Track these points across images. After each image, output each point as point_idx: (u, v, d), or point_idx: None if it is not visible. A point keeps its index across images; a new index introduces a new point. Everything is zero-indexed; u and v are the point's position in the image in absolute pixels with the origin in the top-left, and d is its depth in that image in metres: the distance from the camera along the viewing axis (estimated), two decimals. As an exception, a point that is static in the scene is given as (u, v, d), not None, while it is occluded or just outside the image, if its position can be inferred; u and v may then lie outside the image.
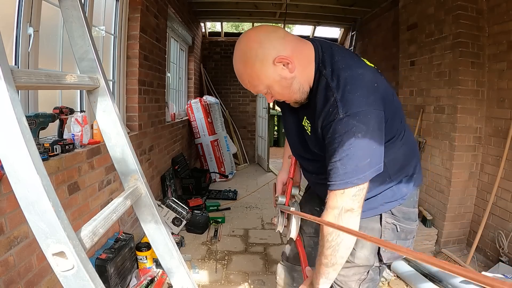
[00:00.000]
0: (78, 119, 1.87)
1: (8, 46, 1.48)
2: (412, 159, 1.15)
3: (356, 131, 0.87)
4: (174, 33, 4.29)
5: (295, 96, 1.01)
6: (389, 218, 1.12)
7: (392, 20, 4.02)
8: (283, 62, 0.93)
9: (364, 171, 0.90)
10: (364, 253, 1.13)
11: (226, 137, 5.48)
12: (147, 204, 0.92)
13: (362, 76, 0.94)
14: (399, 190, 1.11)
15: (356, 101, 0.89)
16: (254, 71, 0.95)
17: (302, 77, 0.97)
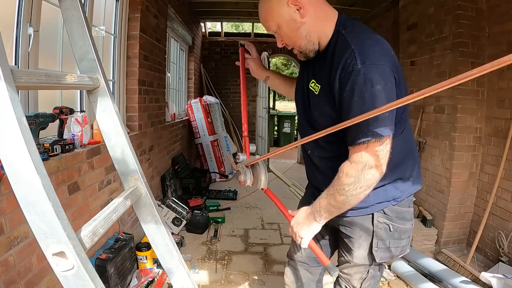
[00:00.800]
0: (78, 119, 1.87)
1: (8, 46, 1.48)
2: (408, 159, 1.13)
3: (375, 82, 0.87)
4: (174, 33, 4.29)
5: (300, 41, 1.03)
6: (381, 217, 1.12)
7: (392, 20, 4.02)
8: (297, 5, 0.97)
9: (385, 124, 0.89)
10: (361, 253, 1.15)
11: (226, 137, 5.48)
12: (147, 204, 0.92)
13: (381, 40, 0.98)
14: (392, 191, 1.10)
15: (376, 54, 0.91)
16: (270, 7, 1.02)
17: (312, 27, 1.01)
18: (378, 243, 1.12)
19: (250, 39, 6.40)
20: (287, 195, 4.37)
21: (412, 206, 1.19)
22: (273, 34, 1.09)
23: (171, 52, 4.30)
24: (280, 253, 2.74)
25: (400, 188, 1.11)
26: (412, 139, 1.20)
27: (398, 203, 1.12)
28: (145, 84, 2.89)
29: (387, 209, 1.11)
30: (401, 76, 0.97)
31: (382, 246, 1.13)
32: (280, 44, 1.10)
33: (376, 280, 1.23)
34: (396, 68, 0.94)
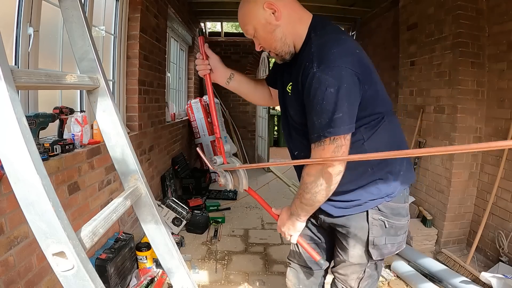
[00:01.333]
0: (78, 119, 1.87)
1: (8, 46, 1.48)
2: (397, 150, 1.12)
3: (328, 85, 0.91)
4: (174, 33, 4.29)
5: (275, 44, 1.06)
6: (376, 214, 1.12)
7: (392, 20, 4.02)
8: (272, 8, 1.01)
9: (335, 125, 0.93)
10: (357, 252, 1.15)
11: (226, 137, 5.48)
12: (147, 204, 0.92)
13: (344, 40, 1.00)
14: (384, 188, 1.10)
15: (331, 56, 0.94)
16: (247, 10, 1.06)
17: (287, 29, 1.04)
18: (374, 240, 1.13)
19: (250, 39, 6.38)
20: (287, 195, 4.37)
21: (407, 201, 1.19)
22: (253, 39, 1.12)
23: (171, 52, 4.30)
24: (280, 253, 2.74)
25: (392, 183, 1.11)
26: (399, 132, 1.20)
27: (392, 199, 1.12)
28: (145, 84, 2.89)
29: (382, 206, 1.12)
30: (368, 71, 1.00)
31: (378, 243, 1.13)
32: (258, 48, 1.13)
33: (373, 279, 1.22)
34: (360, 66, 0.96)
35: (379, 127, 1.08)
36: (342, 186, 1.07)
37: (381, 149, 1.08)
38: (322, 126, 0.94)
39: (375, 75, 1.06)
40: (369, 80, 1.00)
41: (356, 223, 1.14)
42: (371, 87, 1.01)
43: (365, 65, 0.99)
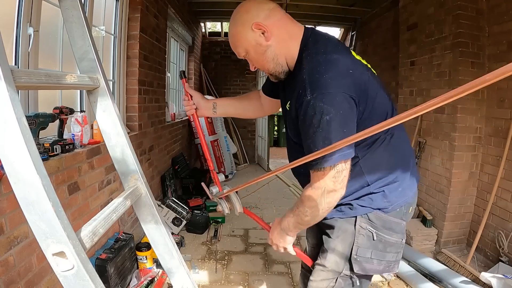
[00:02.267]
0: (78, 119, 1.87)
1: (8, 46, 1.48)
2: (397, 169, 1.08)
3: (324, 113, 0.88)
4: (174, 33, 4.29)
5: (268, 65, 1.04)
6: (364, 222, 1.06)
7: (392, 20, 4.02)
8: (260, 29, 0.98)
9: (335, 153, 0.90)
10: (333, 257, 1.10)
11: (226, 137, 5.48)
12: (147, 204, 0.92)
13: (336, 61, 0.95)
14: (378, 201, 1.06)
15: (324, 82, 0.90)
16: (237, 33, 1.03)
17: (278, 49, 1.01)
18: (358, 250, 1.06)
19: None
20: (287, 195, 4.37)
21: (405, 219, 1.11)
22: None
23: (171, 52, 4.30)
24: (280, 253, 2.72)
25: (388, 198, 1.06)
26: (405, 147, 1.14)
27: (385, 212, 1.07)
28: (145, 84, 2.89)
29: (372, 215, 1.06)
30: (363, 89, 0.95)
31: (363, 256, 1.06)
32: (252, 68, 1.11)
33: None
34: (355, 87, 0.92)
35: (377, 145, 1.04)
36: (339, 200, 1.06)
37: (379, 170, 1.05)
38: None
39: (373, 88, 1.00)
40: (366, 100, 0.97)
41: (340, 225, 1.09)
42: (367, 106, 0.97)
43: (360, 85, 0.95)
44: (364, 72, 1.00)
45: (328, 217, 1.10)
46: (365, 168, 1.04)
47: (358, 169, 1.04)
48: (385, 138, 1.05)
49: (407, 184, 1.10)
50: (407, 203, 1.11)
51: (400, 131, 1.11)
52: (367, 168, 1.04)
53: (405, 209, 1.11)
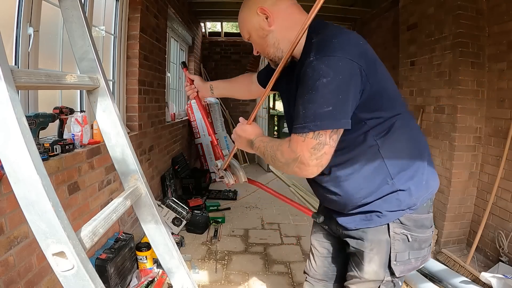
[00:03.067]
0: (78, 119, 1.87)
1: (8, 46, 1.48)
2: (419, 160, 1.04)
3: (322, 75, 0.83)
4: (174, 33, 4.29)
5: (268, 49, 1.05)
6: (397, 227, 1.02)
7: (392, 20, 4.02)
8: (265, 14, 0.99)
9: (322, 119, 0.84)
10: (372, 268, 1.06)
11: (226, 137, 5.48)
12: (147, 204, 0.92)
13: (347, 32, 0.95)
14: (406, 199, 1.00)
15: (331, 46, 0.87)
16: (243, 15, 1.06)
17: (281, 34, 1.01)
18: (396, 256, 1.02)
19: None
20: (287, 195, 4.36)
21: (431, 211, 1.09)
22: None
23: (171, 52, 4.30)
24: (280, 253, 2.74)
25: (415, 195, 1.01)
26: (419, 136, 1.10)
27: (415, 210, 1.03)
28: (145, 84, 2.89)
29: (404, 218, 1.02)
30: (373, 65, 0.91)
31: (402, 259, 1.03)
32: (255, 52, 1.12)
33: None
34: (364, 58, 0.88)
35: (393, 131, 0.99)
36: (358, 197, 1.01)
37: (401, 157, 1.00)
38: (308, 117, 0.85)
39: (383, 71, 0.97)
40: (375, 75, 0.91)
41: (373, 237, 1.04)
42: (377, 83, 0.92)
43: (370, 58, 0.91)
44: (375, 54, 0.97)
45: (352, 228, 1.06)
46: (386, 157, 0.98)
47: (379, 159, 0.98)
48: (394, 123, 0.99)
49: (430, 175, 1.06)
50: (432, 195, 1.09)
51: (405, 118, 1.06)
52: (388, 156, 0.99)
53: (431, 201, 1.09)
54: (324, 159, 0.89)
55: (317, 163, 0.88)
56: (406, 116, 1.04)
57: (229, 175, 1.35)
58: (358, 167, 1.00)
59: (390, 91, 0.99)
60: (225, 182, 1.37)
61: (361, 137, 0.97)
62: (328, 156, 0.89)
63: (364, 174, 0.99)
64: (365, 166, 0.99)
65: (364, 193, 1.01)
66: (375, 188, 1.00)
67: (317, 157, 0.87)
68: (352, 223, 1.07)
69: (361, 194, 1.01)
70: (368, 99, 0.91)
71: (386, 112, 0.98)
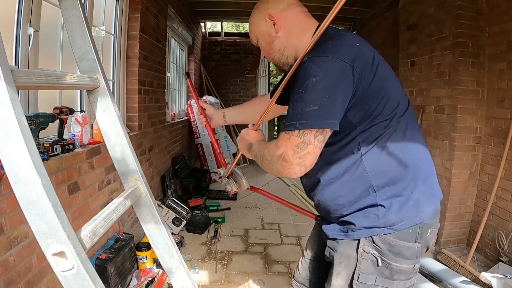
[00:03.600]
0: (78, 119, 1.87)
1: (8, 46, 1.48)
2: (409, 173, 0.94)
3: (311, 74, 0.84)
4: (174, 33, 4.29)
5: (273, 55, 1.06)
6: (367, 246, 0.94)
7: (392, 20, 4.02)
8: (272, 20, 1.00)
9: (307, 117, 0.83)
10: (338, 282, 1.00)
11: (226, 137, 5.48)
12: (147, 204, 0.92)
13: (344, 35, 0.94)
14: (385, 215, 0.92)
15: (324, 47, 0.87)
16: (253, 19, 1.07)
17: (287, 41, 1.02)
18: (359, 276, 0.95)
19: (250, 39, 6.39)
20: (287, 195, 4.37)
21: (420, 241, 0.95)
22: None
23: (171, 52, 4.30)
24: (280, 253, 2.74)
25: (396, 213, 0.92)
26: (420, 150, 1.00)
27: (394, 231, 0.92)
28: (145, 84, 2.89)
29: (377, 238, 0.93)
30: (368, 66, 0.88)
31: (365, 282, 0.95)
32: (262, 56, 1.13)
33: None
34: (358, 59, 0.86)
35: (384, 139, 0.92)
36: (336, 204, 0.98)
37: (387, 172, 0.93)
38: (295, 115, 0.85)
39: (385, 74, 0.93)
40: (370, 77, 0.88)
41: (344, 250, 0.98)
42: (373, 85, 0.88)
43: (366, 60, 0.89)
44: (376, 54, 0.94)
45: (331, 236, 1.03)
46: (369, 167, 0.92)
47: (361, 168, 0.93)
48: (388, 126, 0.93)
49: (422, 196, 0.95)
50: (423, 223, 0.95)
51: (413, 131, 0.98)
52: (371, 166, 0.92)
53: (420, 230, 0.95)
54: (307, 159, 0.86)
55: (299, 162, 0.86)
56: (404, 125, 0.96)
57: (232, 182, 1.37)
58: (340, 174, 0.96)
59: (390, 95, 0.93)
60: (227, 189, 1.38)
61: (347, 141, 0.94)
62: (312, 156, 0.86)
63: (345, 181, 0.95)
64: (347, 173, 0.95)
65: (342, 201, 0.97)
66: (355, 198, 0.95)
67: (299, 155, 0.86)
68: (331, 232, 1.03)
69: (340, 201, 0.97)
70: (361, 101, 0.89)
71: (381, 118, 0.92)
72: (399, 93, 0.98)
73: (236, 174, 1.37)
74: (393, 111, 0.93)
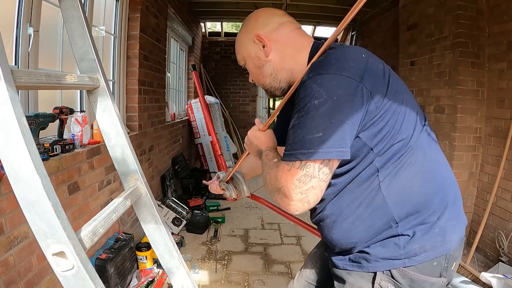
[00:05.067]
0: (78, 119, 1.87)
1: (8, 46, 1.48)
2: (434, 199, 0.81)
3: (313, 96, 0.72)
4: (174, 33, 4.29)
5: (264, 80, 0.95)
6: (385, 281, 0.81)
7: (392, 20, 4.02)
8: (261, 42, 0.89)
9: (310, 147, 0.71)
10: None
11: (226, 137, 5.48)
12: (147, 204, 0.92)
13: (348, 47, 0.83)
14: (406, 246, 0.79)
15: (326, 63, 0.75)
16: (240, 39, 0.96)
17: (279, 64, 0.91)
18: None
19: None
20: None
21: (445, 275, 0.82)
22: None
23: (171, 52, 4.30)
24: (280, 253, 2.74)
25: (419, 242, 0.79)
26: (442, 166, 0.88)
27: (415, 264, 0.79)
28: (145, 84, 2.89)
29: (397, 272, 0.80)
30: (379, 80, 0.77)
31: None
32: (250, 80, 1.02)
33: None
34: (366, 73, 0.75)
35: (404, 157, 0.79)
36: (353, 245, 0.84)
37: (410, 199, 0.80)
38: (295, 144, 0.74)
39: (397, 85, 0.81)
40: (383, 92, 0.76)
41: (355, 282, 0.85)
42: (386, 98, 0.76)
43: (375, 73, 0.77)
44: (385, 65, 0.83)
45: (340, 266, 0.90)
46: (389, 196, 0.79)
47: (379, 197, 0.79)
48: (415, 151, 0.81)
49: (449, 224, 0.82)
50: (449, 255, 0.82)
51: (434, 148, 0.86)
52: (392, 195, 0.79)
53: (446, 262, 0.82)
54: (311, 195, 0.74)
55: (301, 198, 0.74)
56: (424, 142, 0.83)
57: (231, 188, 1.27)
58: (355, 207, 0.82)
59: (406, 109, 0.81)
60: (225, 195, 1.27)
61: (363, 168, 0.80)
62: (317, 191, 0.74)
63: (360, 215, 0.81)
64: (362, 205, 0.81)
65: (357, 239, 0.83)
66: (374, 233, 0.81)
67: (302, 191, 0.73)
68: (341, 262, 0.90)
69: (354, 239, 0.83)
70: (376, 120, 0.76)
71: (400, 136, 0.79)
72: (415, 107, 0.85)
73: (237, 179, 1.25)
74: (411, 127, 0.81)
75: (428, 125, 0.88)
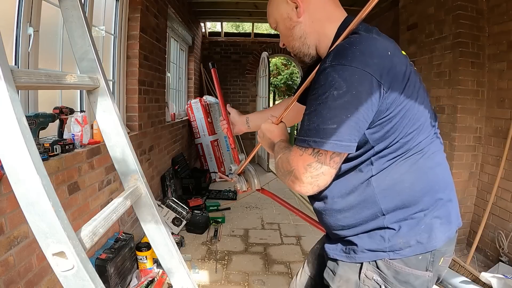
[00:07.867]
0: (78, 119, 1.87)
1: (8, 46, 1.48)
2: (425, 197, 0.83)
3: (333, 86, 0.73)
4: (174, 33, 4.29)
5: (294, 42, 0.95)
6: (371, 271, 0.84)
7: (392, 20, 4.02)
8: (295, 2, 0.90)
9: (323, 136, 0.73)
10: None
11: (226, 137, 5.48)
12: (147, 204, 0.92)
13: (375, 39, 0.82)
14: (391, 239, 0.82)
15: (350, 54, 0.75)
16: (272, 2, 0.97)
17: (309, 28, 0.91)
18: None
19: (250, 39, 6.41)
20: (287, 195, 4.37)
21: (431, 270, 0.84)
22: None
23: (171, 52, 4.30)
24: (280, 253, 2.74)
25: (404, 237, 0.82)
26: (440, 169, 0.88)
27: (401, 257, 0.82)
28: (145, 84, 2.89)
29: (382, 262, 0.83)
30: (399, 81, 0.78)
31: None
32: (281, 44, 1.02)
33: None
34: (387, 72, 0.75)
35: (401, 157, 0.82)
36: (343, 228, 0.89)
37: (399, 195, 0.82)
38: (310, 130, 0.75)
39: (414, 88, 0.81)
40: (398, 93, 0.77)
41: (344, 273, 0.89)
42: (399, 102, 0.78)
43: (395, 73, 0.77)
44: (408, 65, 0.83)
45: (331, 256, 0.94)
46: (378, 188, 0.82)
47: (370, 188, 0.83)
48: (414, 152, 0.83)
49: (436, 222, 0.84)
50: (436, 250, 0.83)
51: (437, 152, 0.88)
52: (381, 187, 0.82)
53: (432, 257, 0.84)
54: (321, 180, 0.78)
55: (311, 181, 0.78)
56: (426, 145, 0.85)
57: (243, 180, 1.28)
58: (345, 193, 0.87)
59: (415, 113, 0.81)
60: (236, 188, 1.29)
61: (361, 161, 0.84)
62: (327, 177, 0.78)
63: (350, 202, 0.86)
64: (353, 193, 0.85)
65: (346, 222, 0.88)
66: (361, 221, 0.86)
67: (312, 175, 0.77)
68: (332, 251, 0.94)
69: (343, 222, 0.88)
70: (382, 120, 0.78)
71: (400, 137, 0.81)
72: (427, 110, 0.86)
73: (249, 172, 1.28)
74: (415, 130, 0.82)
75: (437, 127, 0.90)
